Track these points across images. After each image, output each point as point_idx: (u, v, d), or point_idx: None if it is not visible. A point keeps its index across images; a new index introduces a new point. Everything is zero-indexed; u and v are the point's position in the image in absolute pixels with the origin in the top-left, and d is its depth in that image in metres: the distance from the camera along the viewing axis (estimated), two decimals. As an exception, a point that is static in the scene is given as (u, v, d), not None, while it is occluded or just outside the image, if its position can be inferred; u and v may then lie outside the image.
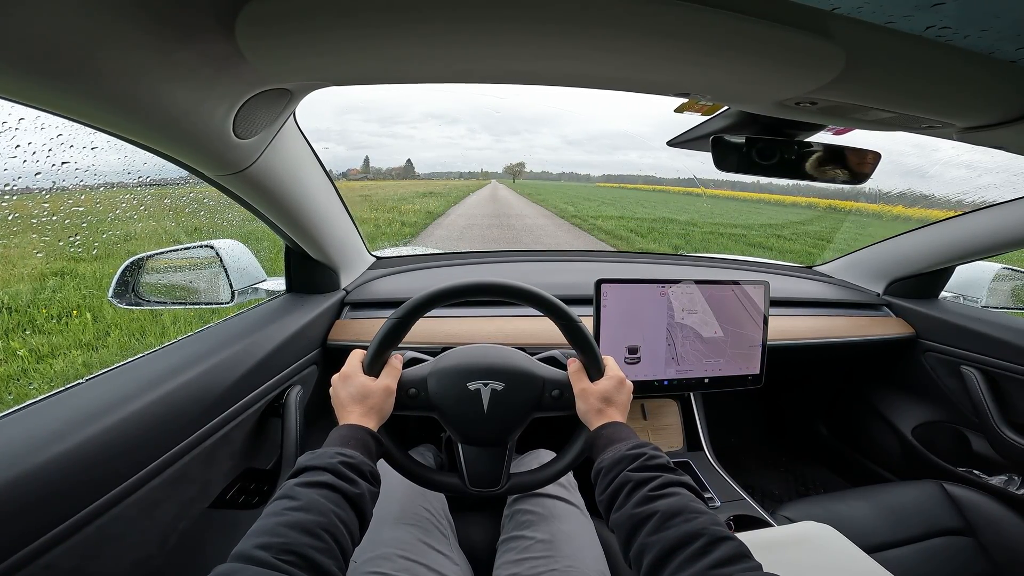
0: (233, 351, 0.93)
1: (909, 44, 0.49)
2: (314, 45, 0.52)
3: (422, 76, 0.63)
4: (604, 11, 0.46)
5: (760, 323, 1.30)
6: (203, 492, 0.87)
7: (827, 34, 0.50)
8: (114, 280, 1.12)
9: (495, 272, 1.70)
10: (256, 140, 0.76)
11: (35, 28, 0.39)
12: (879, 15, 0.42)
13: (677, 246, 12.92)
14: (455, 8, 0.46)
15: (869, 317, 1.64)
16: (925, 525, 1.17)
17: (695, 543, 0.51)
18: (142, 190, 1.40)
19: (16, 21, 0.38)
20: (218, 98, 0.61)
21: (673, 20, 0.47)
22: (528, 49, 0.54)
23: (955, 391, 1.53)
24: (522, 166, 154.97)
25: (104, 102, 0.52)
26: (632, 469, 0.64)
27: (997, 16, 0.41)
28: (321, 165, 1.09)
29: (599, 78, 0.63)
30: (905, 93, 0.65)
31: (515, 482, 0.84)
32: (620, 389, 0.79)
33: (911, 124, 0.77)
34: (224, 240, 1.29)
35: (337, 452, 0.64)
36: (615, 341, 1.23)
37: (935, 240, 1.52)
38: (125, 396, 0.72)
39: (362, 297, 1.42)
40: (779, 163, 0.85)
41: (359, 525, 0.60)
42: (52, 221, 1.39)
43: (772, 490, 1.86)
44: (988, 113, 0.69)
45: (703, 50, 0.53)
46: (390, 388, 0.78)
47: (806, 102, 0.68)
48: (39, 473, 0.57)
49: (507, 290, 0.82)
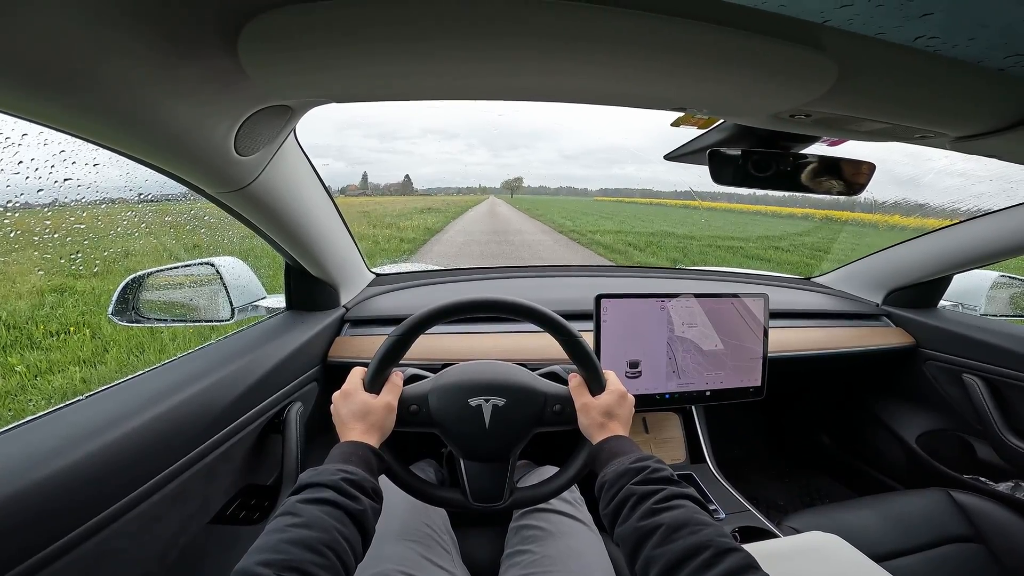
0: (234, 368, 0.93)
1: (900, 55, 0.50)
2: (316, 62, 0.52)
3: (423, 93, 0.63)
4: (602, 28, 0.47)
5: (760, 335, 1.30)
6: (203, 508, 0.87)
7: (819, 47, 0.51)
8: (114, 297, 1.13)
9: (495, 288, 1.70)
10: (257, 157, 0.77)
11: (41, 42, 0.40)
12: (870, 26, 0.42)
13: (675, 259, 12.95)
14: (455, 26, 0.47)
15: (869, 328, 1.65)
16: (933, 533, 1.16)
17: (702, 555, 0.51)
18: (143, 207, 1.41)
19: (22, 36, 0.38)
20: (220, 115, 0.61)
21: (669, 36, 0.48)
22: (527, 66, 0.55)
23: (958, 399, 1.53)
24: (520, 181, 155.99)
25: (107, 117, 0.52)
26: (636, 482, 0.63)
27: (984, 25, 0.42)
28: (321, 182, 1.10)
29: (597, 94, 0.64)
30: (897, 104, 0.66)
31: (517, 497, 0.83)
32: (622, 403, 0.79)
33: (904, 134, 0.78)
34: (224, 258, 1.29)
35: (339, 469, 0.64)
36: (616, 355, 1.23)
37: (932, 249, 1.53)
38: (126, 412, 0.72)
39: (362, 314, 1.42)
40: (775, 175, 0.86)
41: (362, 541, 0.60)
42: (53, 238, 1.40)
43: (777, 501, 1.85)
44: (979, 122, 0.70)
45: (699, 64, 0.54)
46: (391, 405, 0.78)
47: (800, 114, 0.69)
48: (39, 488, 0.57)
49: (506, 306, 0.82)
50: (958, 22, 0.41)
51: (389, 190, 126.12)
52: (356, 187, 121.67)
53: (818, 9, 0.41)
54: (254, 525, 0.96)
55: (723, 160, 0.86)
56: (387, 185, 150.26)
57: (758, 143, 0.88)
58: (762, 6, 0.41)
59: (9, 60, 0.40)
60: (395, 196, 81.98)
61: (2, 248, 3.53)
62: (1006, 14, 0.40)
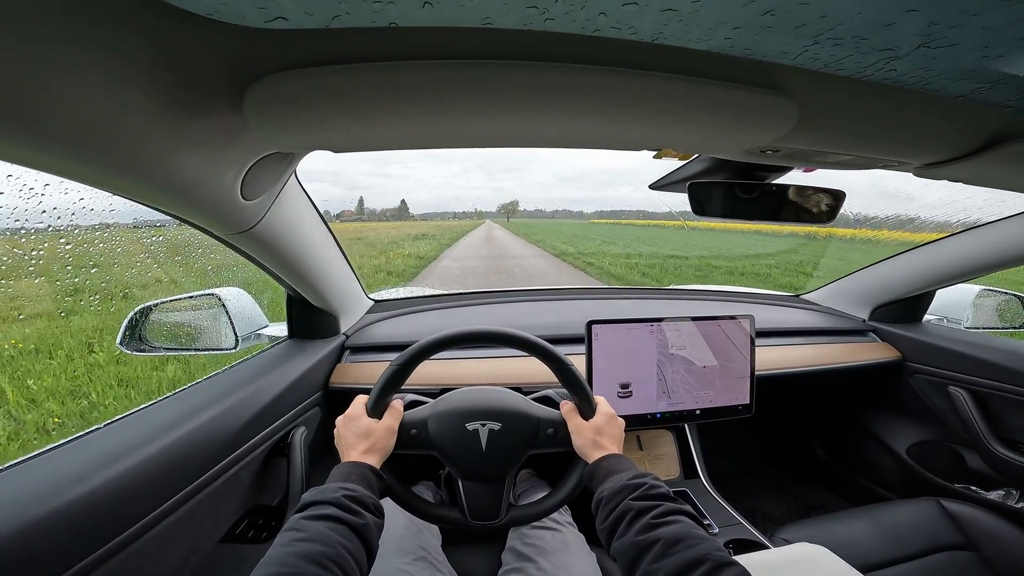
0: (241, 396, 0.96)
1: (856, 90, 0.55)
2: (314, 118, 0.56)
3: (416, 143, 0.68)
4: (578, 85, 0.52)
5: (747, 355, 1.34)
6: (214, 528, 0.90)
7: (780, 89, 0.56)
8: (122, 327, 1.16)
9: (491, 313, 1.74)
10: (261, 200, 0.81)
11: (66, 104, 0.43)
12: (827, 62, 0.47)
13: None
14: (443, 89, 0.51)
15: (856, 343, 1.68)
16: (925, 542, 1.18)
17: (699, 569, 0.53)
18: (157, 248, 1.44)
19: (51, 99, 0.41)
20: (227, 164, 0.65)
21: (641, 89, 0.53)
22: (511, 119, 0.59)
23: (945, 411, 1.55)
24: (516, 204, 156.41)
25: (123, 172, 0.56)
26: (633, 498, 0.65)
27: (935, 58, 0.46)
28: (320, 217, 1.15)
29: (578, 139, 0.68)
30: (857, 137, 0.70)
31: (514, 515, 0.86)
32: (612, 423, 0.83)
33: (870, 164, 0.82)
34: (228, 288, 1.33)
35: (340, 487, 0.66)
36: (607, 378, 1.26)
37: (916, 265, 1.57)
38: (143, 440, 0.75)
39: (361, 341, 1.46)
40: (752, 206, 0.90)
41: (367, 556, 0.62)
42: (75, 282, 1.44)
43: (772, 513, 1.86)
44: (940, 150, 0.74)
45: (670, 112, 0.59)
46: (392, 428, 0.81)
47: (769, 149, 0.74)
48: (66, 511, 0.60)
49: (501, 337, 0.86)
50: (912, 55, 0.45)
51: (385, 215, 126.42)
52: (352, 212, 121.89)
53: (779, 50, 0.46)
54: (261, 544, 0.99)
55: (702, 193, 0.91)
56: (383, 210, 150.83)
57: (736, 174, 0.93)
58: (727, 51, 0.46)
59: (40, 123, 0.43)
60: (391, 221, 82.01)
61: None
62: (961, 45, 0.44)
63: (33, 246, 1.92)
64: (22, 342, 3.94)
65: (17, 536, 0.55)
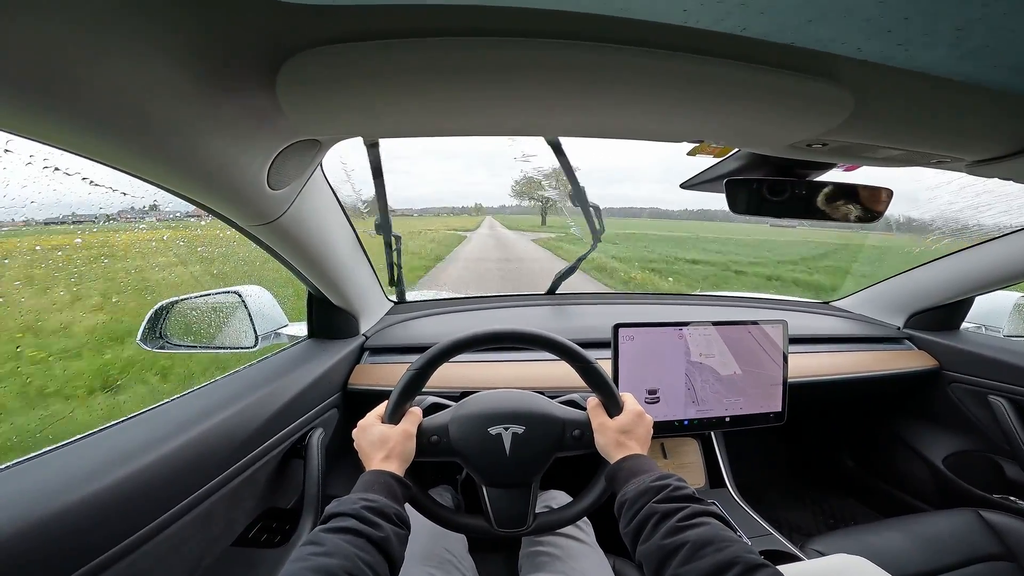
0: (259, 395, 0.95)
1: (914, 82, 0.51)
2: (348, 100, 0.55)
3: (452, 130, 0.66)
4: (624, 67, 0.49)
5: (780, 361, 1.29)
6: (227, 530, 0.88)
7: (835, 77, 0.52)
8: (143, 324, 1.16)
9: (512, 317, 1.72)
10: (287, 191, 0.80)
11: (101, 82, 0.42)
12: (881, 54, 0.44)
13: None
14: (483, 67, 0.49)
15: (891, 351, 1.64)
16: (964, 552, 1.15)
17: (729, 572, 0.51)
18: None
19: (84, 77, 0.41)
20: (256, 150, 0.64)
21: (689, 73, 0.50)
22: (552, 104, 0.57)
23: (984, 420, 1.51)
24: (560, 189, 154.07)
25: (153, 153, 0.55)
26: (658, 501, 0.63)
27: (997, 50, 0.43)
28: (344, 212, 1.13)
29: (620, 129, 0.66)
30: (913, 130, 0.66)
31: (542, 521, 0.84)
32: (639, 422, 0.80)
33: (920, 160, 0.78)
34: (249, 286, 1.32)
35: (360, 498, 0.65)
36: (634, 383, 1.23)
37: (954, 271, 1.53)
38: (158, 438, 0.74)
39: (381, 343, 1.44)
40: (791, 204, 0.86)
41: (388, 567, 0.60)
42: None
43: (800, 524, 1.82)
44: (995, 146, 0.71)
45: (717, 100, 0.56)
46: (408, 432, 0.80)
47: (817, 143, 0.70)
48: (76, 509, 0.59)
49: (522, 337, 0.84)
50: (970, 47, 0.42)
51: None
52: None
53: (828, 38, 0.42)
54: (274, 548, 0.97)
55: (739, 189, 0.87)
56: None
57: (774, 171, 0.89)
58: (773, 38, 0.42)
59: (78, 103, 0.43)
60: (395, 218, 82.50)
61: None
62: (1018, 38, 0.41)
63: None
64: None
65: (17, 536, 0.53)
